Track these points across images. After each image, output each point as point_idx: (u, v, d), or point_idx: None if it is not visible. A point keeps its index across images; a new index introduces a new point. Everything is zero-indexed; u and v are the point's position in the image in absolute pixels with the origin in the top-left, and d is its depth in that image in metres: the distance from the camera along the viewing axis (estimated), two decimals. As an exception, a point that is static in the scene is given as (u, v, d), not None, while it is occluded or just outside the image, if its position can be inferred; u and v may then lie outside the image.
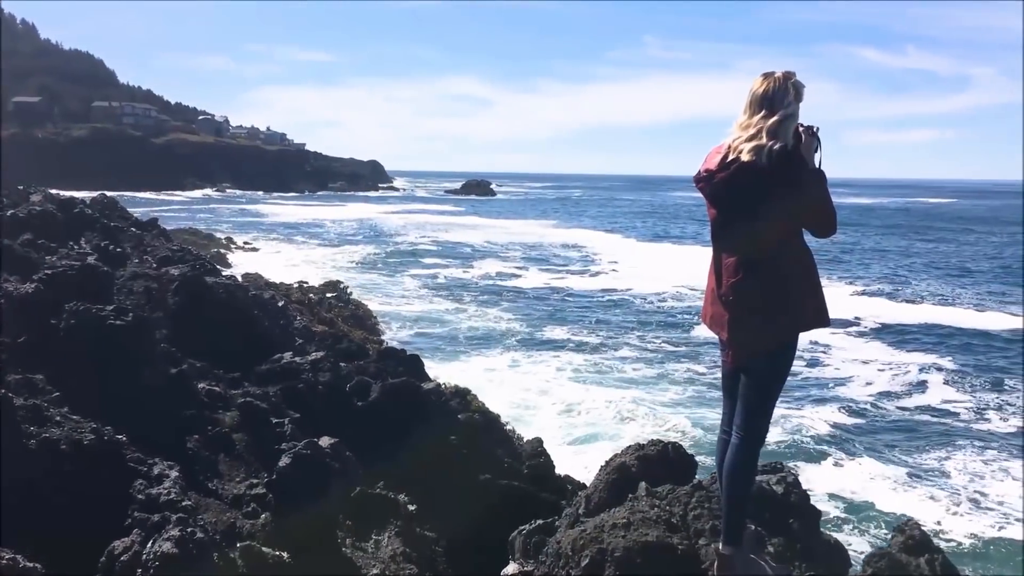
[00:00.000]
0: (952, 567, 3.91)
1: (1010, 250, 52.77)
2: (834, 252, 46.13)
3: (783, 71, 3.53)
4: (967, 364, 20.19)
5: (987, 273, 40.07)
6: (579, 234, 60.92)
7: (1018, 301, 30.89)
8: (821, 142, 3.48)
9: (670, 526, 3.97)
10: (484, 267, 38.82)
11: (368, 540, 5.63)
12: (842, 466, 13.17)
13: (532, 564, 4.43)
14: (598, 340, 22.52)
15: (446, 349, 20.39)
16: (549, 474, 8.86)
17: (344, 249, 44.39)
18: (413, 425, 7.83)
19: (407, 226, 63.14)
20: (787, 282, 3.46)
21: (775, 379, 3.60)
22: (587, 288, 33.18)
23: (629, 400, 16.09)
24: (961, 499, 11.99)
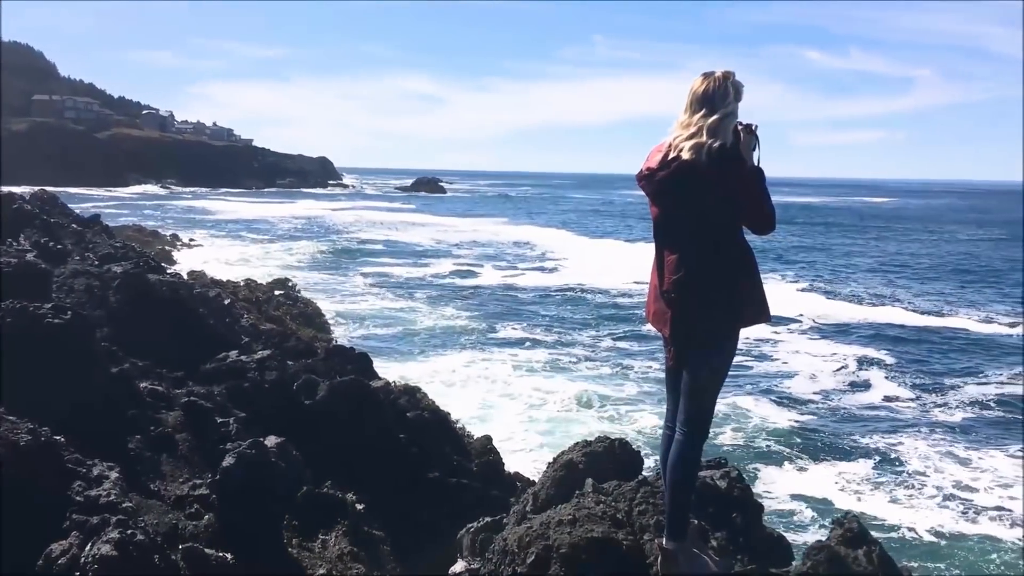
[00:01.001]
0: (889, 558, 4.00)
1: (948, 247, 54.22)
2: (777, 250, 46.94)
3: (723, 71, 3.59)
4: (906, 360, 20.64)
5: (925, 270, 41.04)
6: (530, 231, 61.12)
7: (956, 299, 31.73)
8: (759, 140, 3.54)
9: (615, 522, 4.00)
10: (437, 265, 38.70)
11: (315, 540, 5.58)
12: (790, 460, 13.40)
13: (479, 562, 4.44)
14: (554, 337, 22.63)
15: (402, 348, 20.28)
16: (499, 472, 8.88)
17: (293, 247, 43.92)
18: (362, 423, 7.78)
19: (357, 224, 62.70)
20: (728, 279, 3.52)
21: (716, 375, 3.66)
22: (540, 284, 33.35)
23: (585, 397, 16.20)
24: (907, 490, 12.29)
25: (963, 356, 21.22)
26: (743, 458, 13.27)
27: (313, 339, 12.90)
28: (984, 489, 12.27)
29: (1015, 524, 11.09)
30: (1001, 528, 11.01)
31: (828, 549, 3.91)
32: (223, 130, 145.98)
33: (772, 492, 12.00)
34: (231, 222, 59.24)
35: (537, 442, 13.47)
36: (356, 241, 48.94)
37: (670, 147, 3.53)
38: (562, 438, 12.88)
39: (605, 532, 3.85)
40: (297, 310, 18.96)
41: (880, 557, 3.97)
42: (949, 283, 36.12)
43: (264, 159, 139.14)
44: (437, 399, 13.94)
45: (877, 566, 3.92)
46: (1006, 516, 11.35)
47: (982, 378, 18.82)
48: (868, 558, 3.93)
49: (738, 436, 14.40)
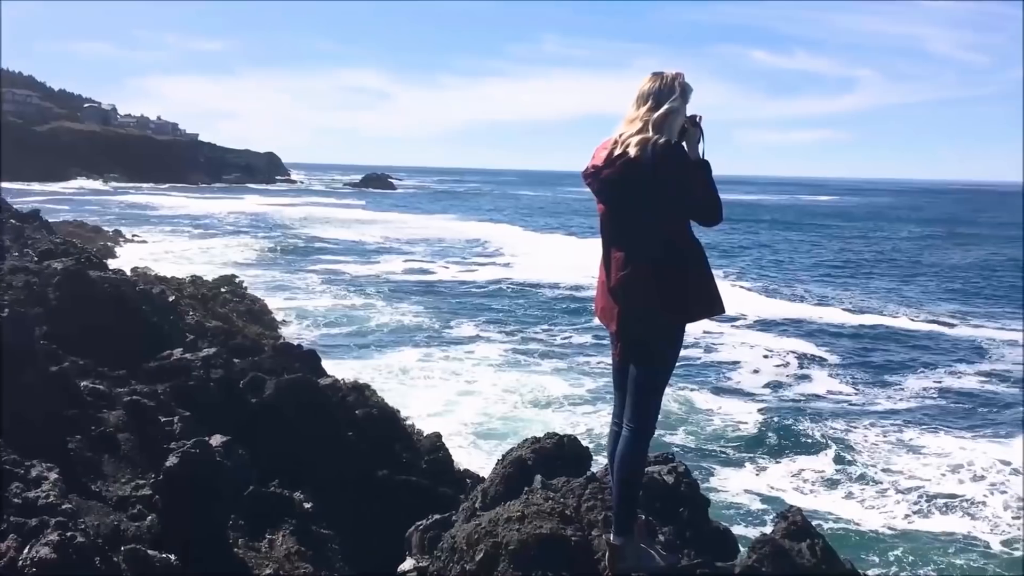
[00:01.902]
0: (832, 551, 4.07)
1: (887, 245, 55.45)
2: (720, 247, 47.59)
3: (673, 72, 3.62)
4: (848, 355, 21.06)
5: (866, 268, 41.90)
6: (481, 227, 61.14)
7: (895, 297, 32.46)
8: (703, 132, 3.58)
9: (564, 518, 4.02)
10: (388, 261, 38.50)
11: (262, 540, 5.52)
12: (740, 454, 13.64)
13: (428, 560, 4.43)
14: (508, 333, 22.72)
15: (356, 346, 20.15)
16: (448, 469, 8.87)
17: (240, 243, 43.32)
18: (309, 421, 7.71)
19: (306, 220, 62.01)
20: (676, 274, 3.54)
21: (663, 371, 3.69)
22: (493, 280, 33.39)
23: (539, 392, 16.32)
24: (854, 482, 12.59)
25: (903, 352, 21.70)
26: (693, 453, 13.46)
27: (260, 337, 12.76)
28: (933, 480, 12.60)
29: (965, 514, 11.39)
30: (949, 519, 11.31)
31: (773, 542, 3.96)
32: (168, 124, 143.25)
33: (722, 486, 12.20)
34: (176, 218, 58.23)
35: (490, 438, 13.50)
36: (306, 238, 48.42)
37: (616, 144, 3.55)
38: (515, 434, 12.94)
39: (553, 528, 3.86)
40: (244, 307, 18.72)
41: (823, 550, 4.04)
42: (888, 281, 36.93)
43: (210, 154, 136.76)
44: (392, 397, 13.92)
45: (820, 559, 3.98)
46: (953, 506, 11.67)
47: (923, 373, 19.26)
48: (811, 551, 3.99)
49: (687, 431, 14.60)
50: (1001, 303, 31.18)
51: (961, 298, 32.19)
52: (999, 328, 25.50)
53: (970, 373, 19.18)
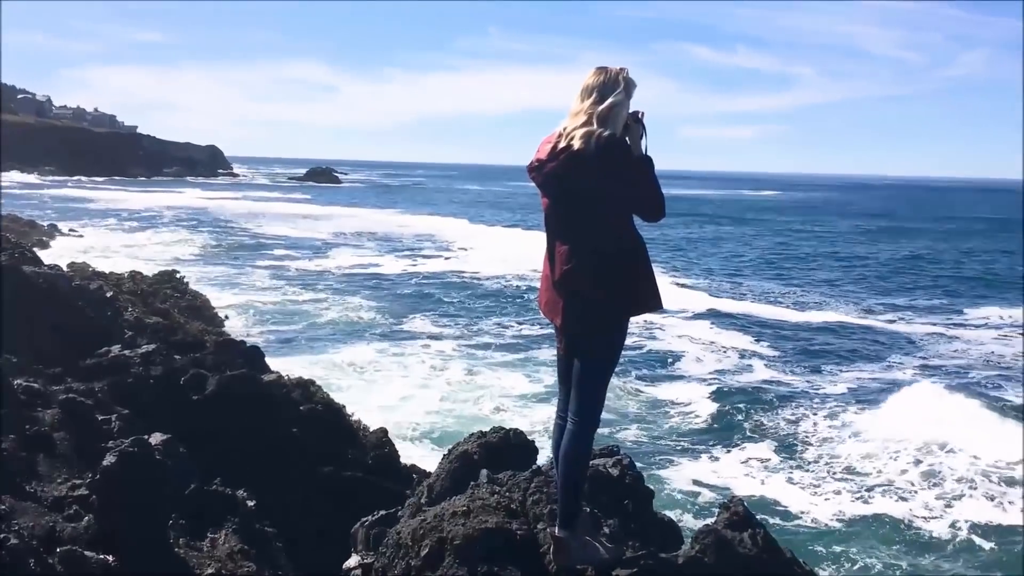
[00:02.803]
0: (773, 540, 4.13)
1: (826, 239, 56.61)
2: (661, 241, 48.17)
3: (617, 67, 3.65)
4: (790, 349, 21.44)
5: (805, 263, 42.69)
6: (428, 221, 61.10)
7: (835, 292, 33.15)
8: (646, 127, 3.62)
9: (510, 512, 4.02)
10: (337, 256, 38.18)
11: (204, 539, 5.43)
12: (686, 445, 13.82)
13: (372, 556, 4.40)
14: (460, 326, 22.79)
15: (307, 343, 19.96)
16: (394, 464, 8.82)
17: (181, 238, 42.59)
18: (253, 418, 7.61)
19: (250, 215, 61.12)
20: (619, 268, 3.57)
21: (607, 364, 3.72)
22: (443, 273, 33.47)
23: (488, 386, 16.42)
24: (799, 471, 12.88)
25: (841, 345, 22.16)
26: (639, 444, 13.62)
27: (202, 333, 12.52)
28: (869, 467, 12.95)
29: (900, 499, 11.70)
30: (885, 503, 11.62)
31: (715, 533, 4.01)
32: (105, 116, 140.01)
33: (670, 476, 12.39)
34: (115, 212, 56.99)
35: (439, 433, 13.49)
36: (250, 233, 47.77)
37: (560, 137, 3.57)
38: (464, 429, 12.97)
39: (499, 523, 3.86)
40: (185, 303, 18.35)
41: (764, 539, 4.10)
42: (827, 275, 37.71)
43: (149, 146, 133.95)
44: (345, 393, 13.85)
45: (761, 548, 4.05)
46: (889, 492, 11.99)
47: (859, 365, 19.68)
48: (753, 540, 4.05)
49: (633, 422, 14.78)
50: (934, 296, 32.03)
51: (896, 292, 32.97)
52: (931, 322, 26.19)
53: (905, 366, 19.64)
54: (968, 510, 11.32)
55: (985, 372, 19.38)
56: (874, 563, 9.99)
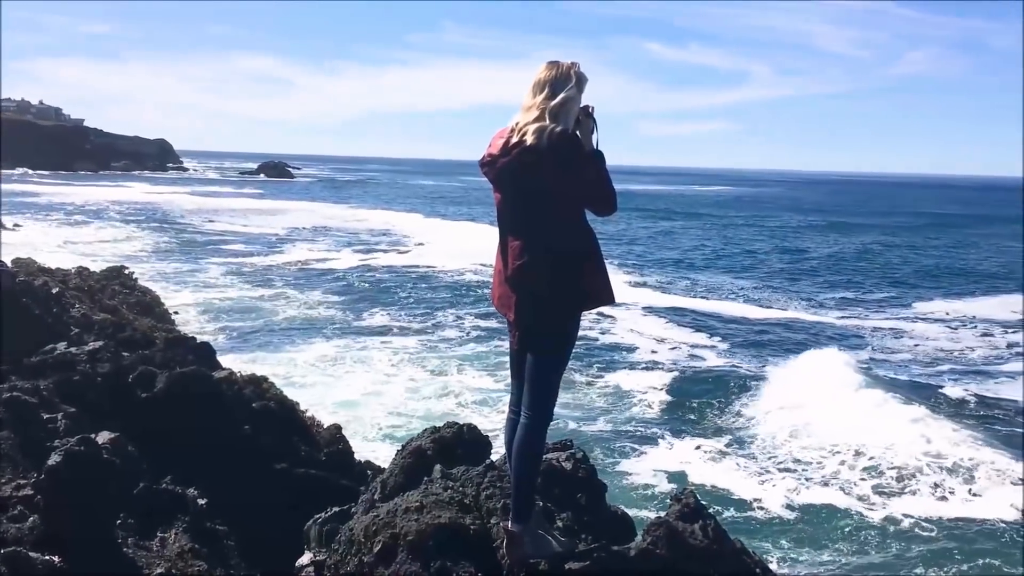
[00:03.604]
0: (723, 531, 4.19)
1: (777, 234, 57.43)
2: (616, 236, 48.50)
3: (569, 61, 3.66)
4: (738, 341, 21.73)
5: (758, 259, 43.27)
6: (383, 216, 60.94)
7: (785, 286, 33.62)
8: (597, 122, 3.64)
9: (463, 507, 4.03)
10: (293, 252, 37.85)
11: (153, 538, 5.36)
12: (639, 437, 13.95)
13: (325, 553, 4.38)
14: (418, 320, 22.84)
15: (265, 341, 19.74)
16: (348, 460, 8.77)
17: (130, 233, 41.85)
18: (203, 416, 7.51)
19: (202, 210, 60.30)
20: (571, 263, 3.59)
21: (560, 359, 3.73)
22: (399, 268, 33.43)
23: (444, 380, 16.48)
24: (749, 461, 13.12)
25: (790, 338, 22.49)
26: (594, 436, 13.74)
27: (152, 329, 12.33)
28: (815, 459, 13.18)
29: (839, 492, 11.92)
30: (827, 493, 11.84)
31: (667, 524, 4.06)
32: (51, 108, 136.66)
33: (624, 468, 12.51)
34: (61, 206, 55.78)
35: (395, 429, 13.46)
36: (202, 228, 47.13)
37: (512, 132, 3.57)
38: (419, 424, 12.96)
39: (452, 518, 3.86)
40: (135, 299, 18.05)
41: (715, 530, 4.16)
42: (777, 270, 38.25)
43: (97, 140, 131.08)
44: (305, 391, 13.77)
45: (712, 539, 4.10)
46: (834, 484, 12.21)
47: (814, 360, 19.94)
48: (704, 532, 4.10)
49: (587, 415, 14.90)
50: (882, 290, 32.66)
51: (844, 286, 33.55)
52: (879, 316, 26.70)
53: (852, 361, 19.95)
54: (906, 501, 11.59)
55: (931, 367, 19.81)
56: (820, 553, 10.19)
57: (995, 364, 20.30)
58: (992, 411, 15.84)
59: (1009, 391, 17.44)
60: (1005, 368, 19.84)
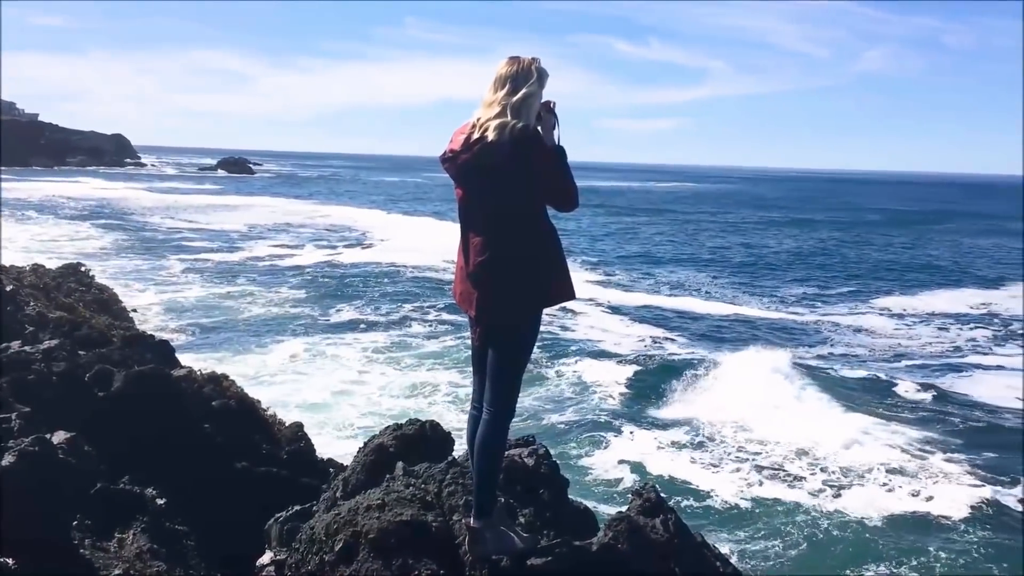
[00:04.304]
0: (684, 525, 4.24)
1: (737, 231, 57.97)
2: (577, 232, 48.69)
3: (530, 56, 3.66)
4: (698, 337, 21.91)
5: (718, 256, 43.64)
6: (346, 212, 60.68)
7: (745, 282, 33.96)
8: (558, 118, 3.64)
9: (425, 504, 4.02)
10: (255, 248, 37.50)
11: (111, 539, 5.28)
12: (603, 431, 14.05)
13: (286, 552, 4.35)
14: (385, 317, 22.77)
15: (231, 339, 19.51)
16: (310, 458, 8.71)
17: (86, 230, 41.12)
18: (162, 415, 7.42)
19: (160, 206, 59.45)
20: (532, 259, 3.60)
21: (521, 354, 3.74)
22: (364, 264, 33.31)
23: (407, 377, 16.45)
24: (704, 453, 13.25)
25: (750, 334, 22.71)
26: (556, 431, 13.80)
27: (109, 327, 12.14)
28: (766, 452, 13.33)
29: (792, 486, 12.07)
30: (783, 489, 11.97)
31: (628, 519, 4.09)
32: (4, 103, 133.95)
33: (586, 462, 12.58)
34: (15, 202, 54.59)
35: (358, 426, 13.41)
36: (161, 224, 46.48)
37: (473, 128, 3.57)
38: (392, 421, 12.92)
39: (414, 515, 3.86)
40: (91, 297, 17.76)
41: (676, 524, 4.20)
42: (737, 266, 38.62)
43: (52, 135, 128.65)
44: (271, 389, 13.66)
45: (673, 533, 4.13)
46: (784, 478, 12.35)
47: (773, 354, 20.18)
48: (665, 526, 4.14)
49: (549, 410, 14.97)
50: (838, 285, 33.10)
51: (803, 281, 33.95)
52: (836, 311, 27.06)
53: (809, 356, 20.21)
54: (856, 496, 11.72)
55: (887, 362, 20.11)
56: (772, 544, 10.31)
57: (950, 358, 20.67)
58: (945, 406, 16.05)
59: (965, 386, 17.76)
60: (961, 362, 20.21)
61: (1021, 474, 12.54)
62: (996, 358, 20.79)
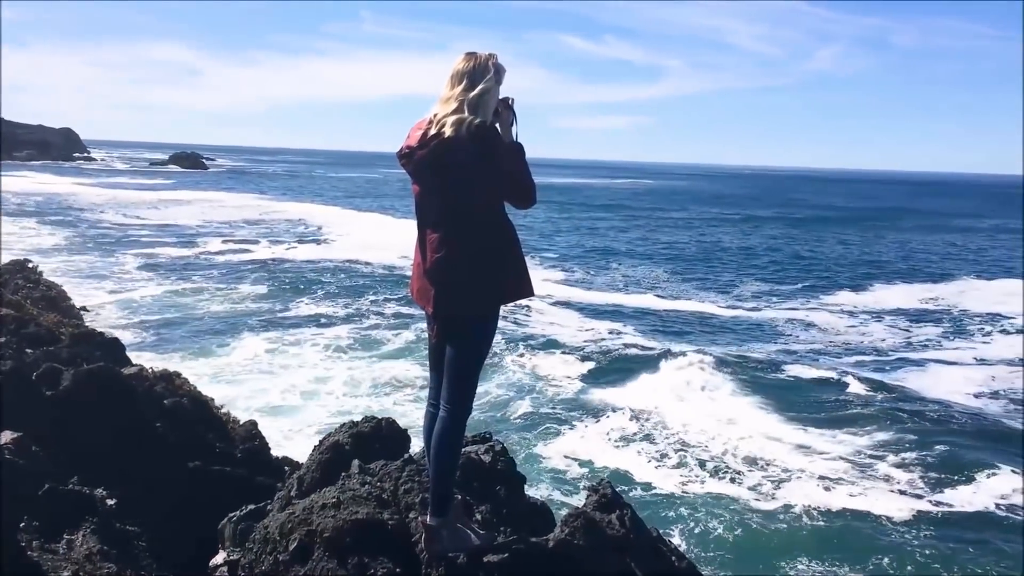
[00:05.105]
0: (639, 520, 4.27)
1: (693, 227, 58.50)
2: (534, 229, 48.77)
3: (486, 52, 3.65)
4: (653, 333, 22.08)
5: (676, 252, 44.00)
6: (300, 207, 60.15)
7: (700, 278, 34.28)
8: (516, 114, 3.64)
9: (381, 502, 4.00)
10: (209, 244, 36.98)
11: (59, 540, 5.18)
12: (557, 427, 14.12)
13: (240, 552, 4.30)
14: (343, 312, 22.60)
15: (190, 338, 19.18)
16: (265, 457, 8.62)
17: (35, 227, 40.22)
18: (112, 413, 7.28)
19: (111, 201, 58.29)
20: (490, 256, 3.59)
21: (479, 351, 3.74)
22: (320, 260, 33.10)
23: (365, 374, 16.39)
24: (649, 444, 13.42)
25: (706, 331, 22.93)
26: (512, 426, 13.84)
27: (57, 325, 11.91)
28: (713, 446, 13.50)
29: (732, 481, 12.20)
30: (721, 484, 12.11)
31: (584, 515, 4.11)
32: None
33: (544, 455, 12.65)
34: (-43, 199, 53.31)
35: (314, 424, 13.30)
36: (112, 220, 45.61)
37: (430, 123, 3.55)
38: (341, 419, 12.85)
39: (370, 513, 3.83)
40: (39, 294, 17.41)
41: (632, 519, 4.23)
42: (692, 262, 38.97)
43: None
44: (237, 387, 13.47)
45: (629, 528, 4.16)
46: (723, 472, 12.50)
47: (714, 350, 20.39)
48: (621, 521, 4.17)
49: (505, 404, 15.05)
50: (792, 282, 33.54)
51: (757, 278, 34.33)
52: (789, 307, 27.41)
53: (761, 351, 20.44)
54: (795, 492, 11.84)
55: (838, 358, 20.42)
56: (712, 537, 10.43)
57: (900, 353, 21.04)
58: (895, 402, 16.19)
59: (915, 380, 18.07)
60: (912, 357, 20.58)
61: (967, 470, 12.69)
62: (946, 352, 21.19)
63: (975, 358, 20.51)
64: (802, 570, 9.77)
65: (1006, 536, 10.65)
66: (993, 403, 16.52)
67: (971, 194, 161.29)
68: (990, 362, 20.08)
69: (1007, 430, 14.64)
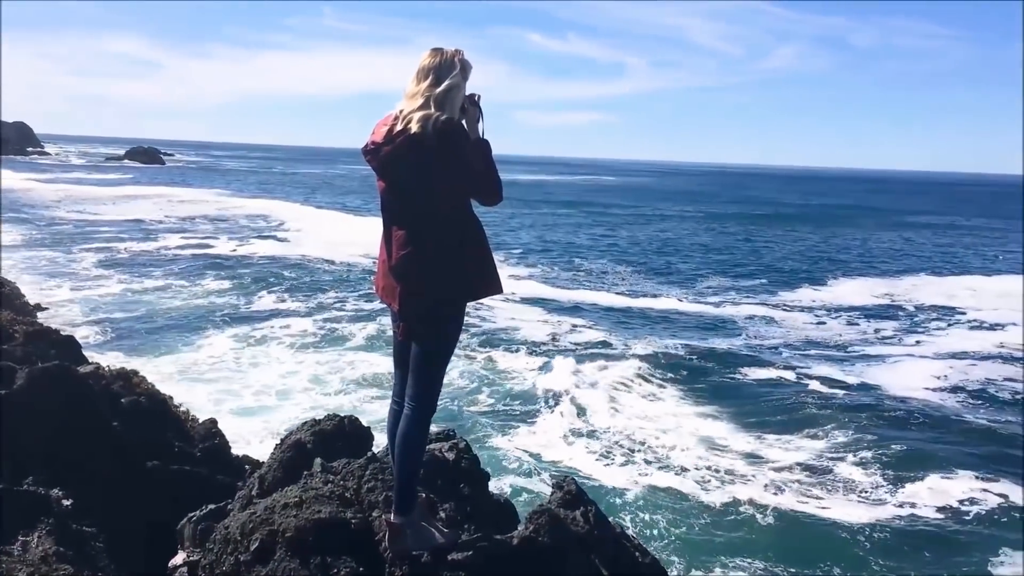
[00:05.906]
0: (603, 517, 4.29)
1: (655, 224, 58.86)
2: (500, 225, 48.81)
3: (453, 48, 3.64)
4: (619, 329, 22.19)
5: (637, 249, 44.23)
6: (259, 203, 59.73)
7: (664, 275, 34.50)
8: (482, 111, 3.63)
9: (344, 501, 3.97)
10: (169, 240, 36.45)
11: (15, 542, 5.09)
12: (520, 421, 14.17)
13: (200, 553, 4.24)
14: (306, 309, 22.46)
15: (153, 336, 18.86)
16: (225, 456, 8.52)
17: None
18: (68, 413, 7.15)
19: (67, 198, 57.17)
20: (456, 253, 3.57)
21: (444, 349, 3.72)
22: (282, 256, 32.86)
23: (328, 372, 16.33)
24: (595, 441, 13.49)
25: (669, 327, 23.06)
26: (477, 422, 13.83)
27: (11, 323, 11.67)
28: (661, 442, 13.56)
29: (684, 477, 12.28)
30: (670, 477, 12.18)
31: (549, 512, 4.11)
32: None
33: (500, 454, 12.62)
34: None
35: (278, 422, 13.19)
36: (68, 216, 44.77)
37: (396, 120, 3.52)
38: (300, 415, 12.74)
39: (333, 512, 3.80)
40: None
41: (596, 516, 4.24)
42: (657, 259, 39.17)
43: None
44: (207, 386, 13.28)
45: (593, 525, 4.17)
46: (673, 467, 12.58)
47: (674, 346, 20.51)
48: (585, 518, 4.17)
49: (469, 400, 15.03)
50: (753, 278, 33.88)
51: (720, 274, 34.60)
52: (752, 304, 27.68)
53: (719, 348, 20.58)
54: (746, 489, 11.89)
55: (797, 352, 20.65)
56: (671, 531, 10.50)
57: (858, 348, 21.32)
58: (855, 398, 16.38)
59: (874, 375, 18.29)
60: (870, 352, 20.86)
61: (925, 467, 12.78)
62: (903, 348, 21.51)
63: (933, 352, 20.83)
64: (758, 569, 9.79)
65: (967, 535, 10.70)
66: (951, 397, 16.75)
67: (924, 191, 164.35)
68: (945, 356, 20.43)
69: (965, 426, 14.80)
